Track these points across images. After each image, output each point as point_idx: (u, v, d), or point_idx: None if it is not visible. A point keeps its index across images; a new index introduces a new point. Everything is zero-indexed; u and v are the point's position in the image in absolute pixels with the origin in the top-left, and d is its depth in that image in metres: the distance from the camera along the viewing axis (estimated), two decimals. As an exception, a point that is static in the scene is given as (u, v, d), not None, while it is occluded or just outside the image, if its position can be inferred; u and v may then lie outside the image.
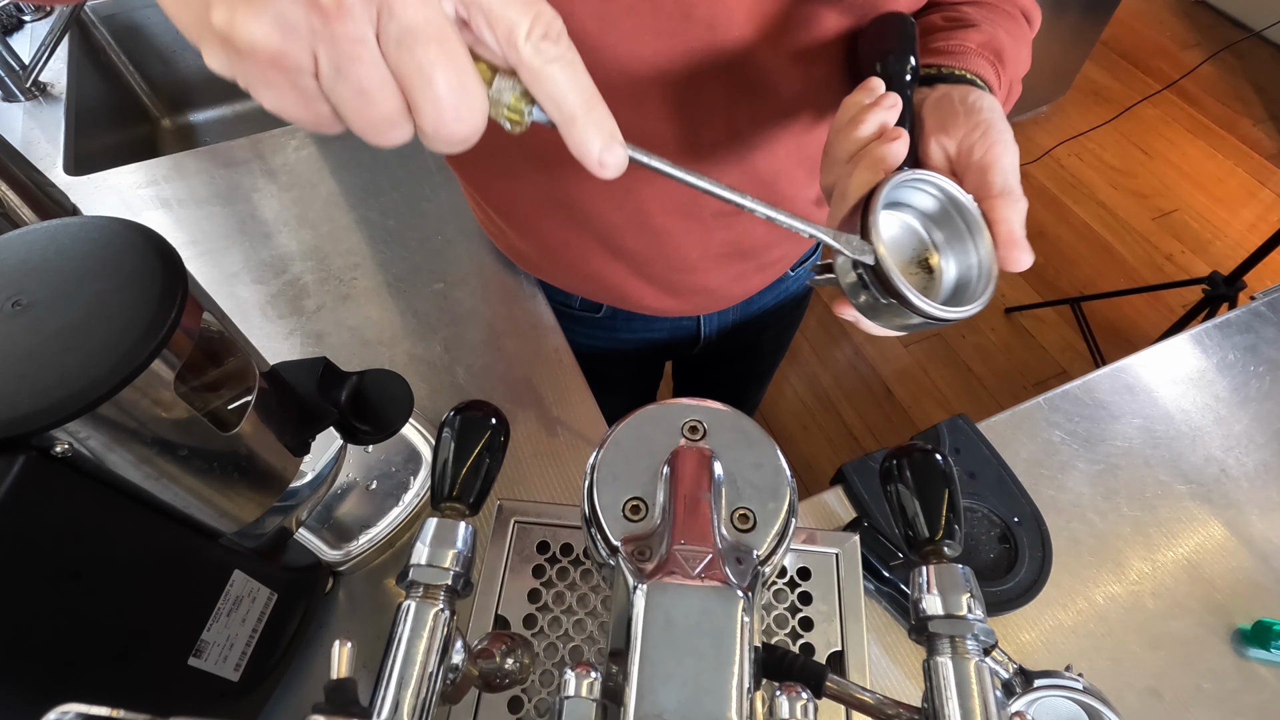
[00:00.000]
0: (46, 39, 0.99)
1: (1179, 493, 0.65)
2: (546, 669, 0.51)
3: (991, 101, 0.41)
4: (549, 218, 0.65)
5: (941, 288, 0.40)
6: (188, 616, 0.42)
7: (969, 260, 0.39)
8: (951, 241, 0.39)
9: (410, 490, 0.63)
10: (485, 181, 0.67)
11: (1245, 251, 1.61)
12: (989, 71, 0.46)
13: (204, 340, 0.43)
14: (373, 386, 0.52)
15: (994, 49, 0.47)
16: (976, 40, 0.46)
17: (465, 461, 0.35)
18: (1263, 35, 2.60)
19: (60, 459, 0.33)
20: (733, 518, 0.32)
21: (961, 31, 0.47)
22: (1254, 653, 0.57)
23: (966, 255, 0.39)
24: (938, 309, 0.35)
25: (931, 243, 0.40)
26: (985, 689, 0.29)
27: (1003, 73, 0.47)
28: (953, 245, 0.39)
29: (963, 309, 0.36)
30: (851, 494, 0.64)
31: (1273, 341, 0.76)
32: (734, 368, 1.01)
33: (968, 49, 0.46)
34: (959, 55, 0.46)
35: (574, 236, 0.65)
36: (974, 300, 0.37)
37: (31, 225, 0.37)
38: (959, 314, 0.36)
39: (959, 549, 0.33)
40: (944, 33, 0.48)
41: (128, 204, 0.88)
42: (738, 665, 0.26)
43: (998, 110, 0.41)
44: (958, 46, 0.46)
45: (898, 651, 0.57)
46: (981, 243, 0.38)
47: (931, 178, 0.38)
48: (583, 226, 0.63)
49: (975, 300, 0.37)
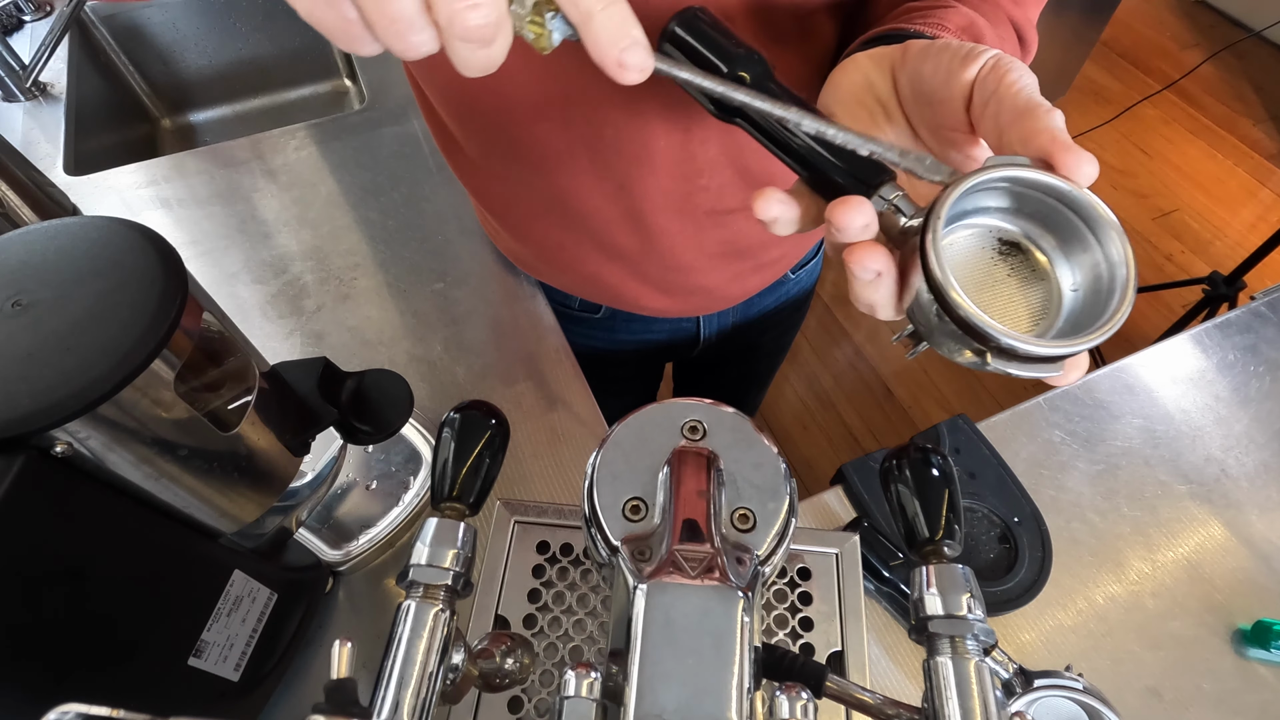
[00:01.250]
0: (46, 39, 0.98)
1: (1179, 493, 0.65)
2: (546, 669, 0.51)
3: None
4: (544, 218, 0.65)
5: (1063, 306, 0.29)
6: (188, 616, 0.42)
7: (1094, 263, 0.28)
8: (1069, 247, 0.29)
9: (410, 490, 0.63)
10: (482, 184, 0.67)
11: (1245, 251, 1.61)
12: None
13: (204, 340, 0.43)
14: (373, 386, 0.52)
15: (973, 34, 0.39)
16: (955, 21, 0.39)
17: (465, 461, 0.35)
18: (1263, 35, 2.60)
19: (60, 459, 0.33)
20: (733, 518, 0.32)
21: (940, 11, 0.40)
22: (1254, 653, 0.57)
23: (1090, 256, 0.28)
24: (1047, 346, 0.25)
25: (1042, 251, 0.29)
26: (985, 689, 0.29)
27: None
28: (1070, 251, 0.29)
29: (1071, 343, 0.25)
30: (851, 494, 0.64)
31: (1273, 341, 0.76)
32: (734, 370, 1.01)
33: (944, 26, 0.39)
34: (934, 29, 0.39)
35: (570, 237, 0.65)
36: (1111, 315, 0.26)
37: (31, 225, 0.37)
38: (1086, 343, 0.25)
39: (959, 549, 0.33)
40: (921, 10, 0.41)
41: (128, 204, 0.88)
42: (738, 665, 0.26)
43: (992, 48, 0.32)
44: (934, 22, 0.39)
45: (898, 651, 0.57)
46: (1108, 240, 0.27)
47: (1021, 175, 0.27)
48: (578, 226, 0.63)
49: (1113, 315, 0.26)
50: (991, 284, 0.29)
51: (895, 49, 0.34)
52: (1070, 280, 0.29)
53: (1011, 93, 0.28)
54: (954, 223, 0.29)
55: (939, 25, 0.38)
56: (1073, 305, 0.28)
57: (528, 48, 0.26)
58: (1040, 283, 0.29)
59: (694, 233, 0.63)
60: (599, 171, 0.55)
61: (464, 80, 0.51)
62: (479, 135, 0.58)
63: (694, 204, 0.60)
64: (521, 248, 0.73)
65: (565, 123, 0.52)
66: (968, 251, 0.29)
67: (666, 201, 0.59)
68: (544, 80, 0.49)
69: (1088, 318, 0.27)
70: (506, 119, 0.53)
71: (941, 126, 0.33)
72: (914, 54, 0.33)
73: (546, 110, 0.51)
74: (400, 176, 0.90)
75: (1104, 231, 0.27)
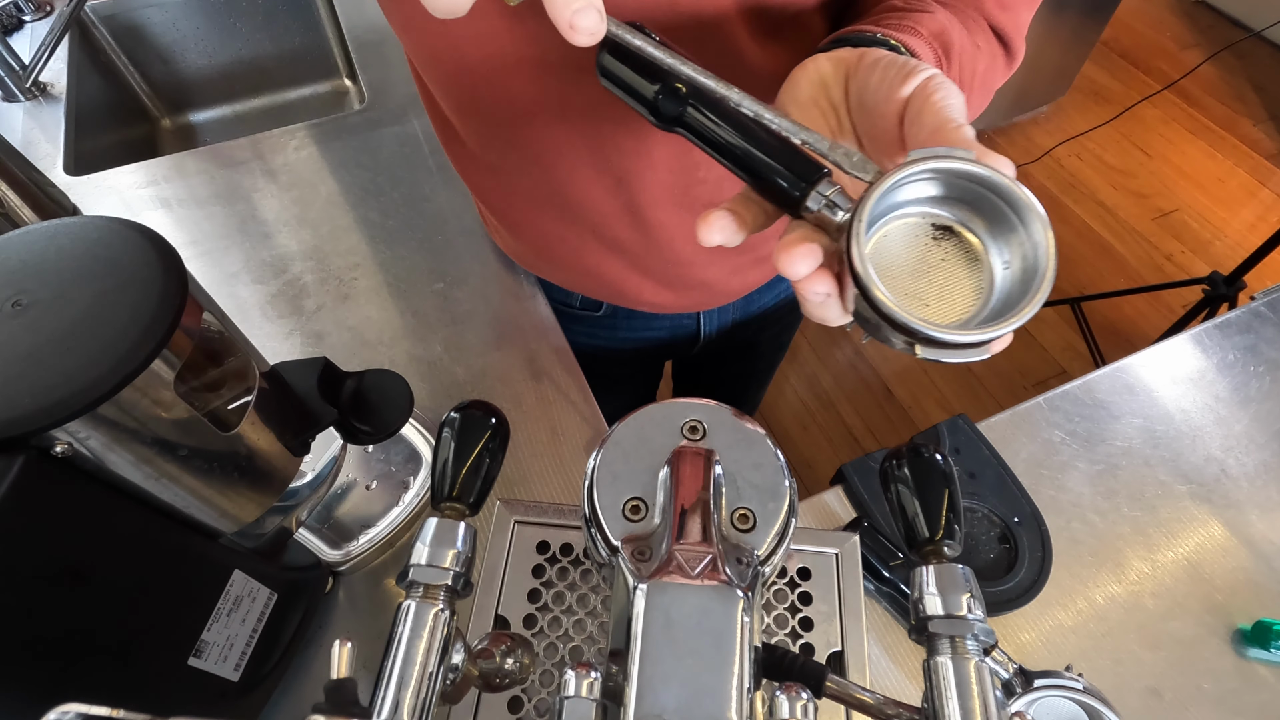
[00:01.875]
0: (46, 39, 0.98)
1: (1179, 493, 0.65)
2: (546, 669, 0.51)
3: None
4: (543, 213, 0.65)
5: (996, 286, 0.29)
6: (188, 616, 0.42)
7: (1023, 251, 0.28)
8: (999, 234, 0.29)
9: (410, 490, 0.63)
10: (482, 178, 0.67)
11: (1245, 251, 1.61)
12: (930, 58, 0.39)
13: (204, 340, 0.43)
14: (373, 386, 0.52)
15: (944, 41, 0.40)
16: (929, 27, 0.39)
17: (465, 461, 0.35)
18: (1263, 35, 2.60)
19: (60, 459, 0.33)
20: (733, 518, 0.32)
21: (916, 14, 0.40)
22: (1254, 653, 0.57)
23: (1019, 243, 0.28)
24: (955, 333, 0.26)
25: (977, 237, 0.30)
26: (985, 689, 0.29)
27: (947, 67, 0.40)
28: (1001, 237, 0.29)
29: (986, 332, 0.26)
30: (851, 494, 0.64)
31: (1273, 341, 0.76)
32: (734, 368, 1.01)
33: (917, 30, 0.39)
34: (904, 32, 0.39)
35: (570, 231, 0.66)
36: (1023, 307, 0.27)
37: (31, 225, 0.37)
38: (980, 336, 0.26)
39: (959, 549, 0.33)
40: (898, 12, 0.41)
41: (128, 204, 0.88)
42: (738, 665, 0.26)
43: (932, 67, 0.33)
44: (907, 26, 0.39)
45: (898, 651, 0.57)
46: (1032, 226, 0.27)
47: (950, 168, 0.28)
48: (577, 221, 0.64)
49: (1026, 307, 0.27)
50: (928, 269, 0.30)
51: (853, 55, 0.35)
52: (1002, 260, 0.29)
53: (934, 109, 0.29)
54: (888, 214, 0.30)
55: (911, 30, 0.39)
56: (1005, 285, 0.29)
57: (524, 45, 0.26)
58: (975, 264, 0.30)
59: (693, 225, 0.63)
60: (598, 165, 0.56)
61: (466, 73, 0.51)
62: (480, 129, 0.58)
63: (692, 197, 0.60)
64: (522, 244, 0.73)
65: (564, 117, 0.52)
66: (903, 240, 0.30)
67: (665, 195, 0.59)
68: (543, 74, 0.49)
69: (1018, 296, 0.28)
70: (506, 113, 0.53)
71: (879, 138, 0.34)
72: (865, 65, 0.34)
73: (545, 104, 0.51)
74: (400, 176, 0.90)
75: (1026, 215, 0.27)
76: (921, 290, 0.29)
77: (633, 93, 0.33)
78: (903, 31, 0.38)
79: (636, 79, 0.33)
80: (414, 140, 0.94)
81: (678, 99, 0.32)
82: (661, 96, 0.32)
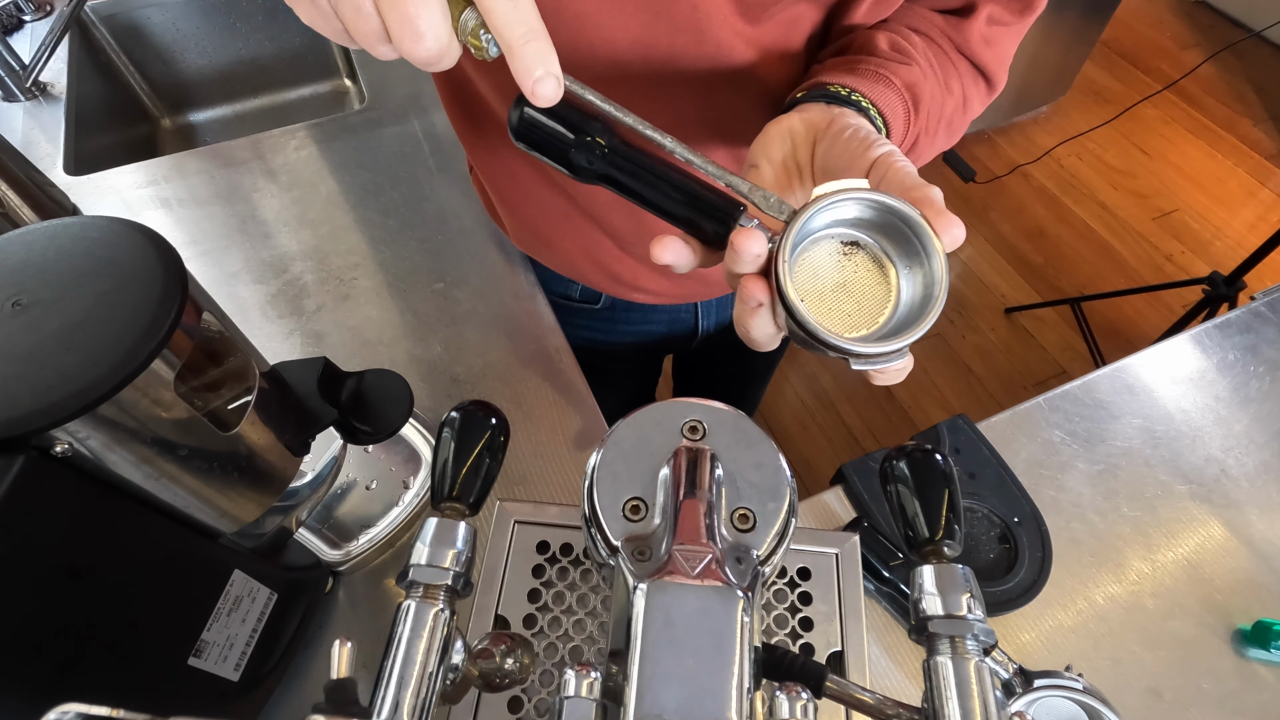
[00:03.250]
0: (46, 39, 0.98)
1: (1179, 493, 0.65)
2: (546, 669, 0.51)
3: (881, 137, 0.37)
4: (545, 196, 0.66)
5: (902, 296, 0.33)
6: (188, 616, 0.42)
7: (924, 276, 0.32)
8: (909, 260, 0.33)
9: (410, 490, 0.63)
10: (485, 158, 0.69)
11: (1245, 252, 1.61)
12: (900, 110, 0.43)
13: (204, 340, 0.43)
14: (373, 386, 0.52)
15: (914, 92, 0.44)
16: (904, 78, 0.44)
17: (465, 461, 0.35)
18: (1263, 35, 2.60)
19: (60, 459, 0.33)
20: (733, 518, 0.32)
21: (893, 65, 0.44)
22: (1254, 653, 0.57)
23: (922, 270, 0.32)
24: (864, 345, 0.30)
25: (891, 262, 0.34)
26: (985, 689, 0.29)
27: (914, 118, 0.45)
28: (910, 263, 0.33)
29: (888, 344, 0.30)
30: (851, 494, 0.64)
31: (1273, 341, 0.76)
32: (733, 364, 1.02)
33: (891, 82, 0.43)
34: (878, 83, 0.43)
35: (571, 215, 0.67)
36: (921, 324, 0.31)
37: (31, 225, 0.37)
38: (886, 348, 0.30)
39: (959, 549, 0.33)
40: (877, 59, 0.45)
41: (128, 204, 0.88)
42: (738, 665, 0.26)
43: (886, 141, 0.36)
44: (883, 77, 0.43)
45: (898, 651, 0.57)
46: (933, 256, 0.31)
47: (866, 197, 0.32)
48: (578, 205, 0.65)
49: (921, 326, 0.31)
50: (843, 282, 0.34)
51: (823, 119, 0.39)
52: (905, 267, 0.33)
53: (898, 174, 0.34)
54: (805, 240, 0.33)
55: (886, 81, 0.43)
56: (909, 294, 0.33)
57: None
58: (883, 270, 0.34)
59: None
60: None
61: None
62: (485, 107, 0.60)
63: None
64: (524, 229, 0.74)
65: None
66: (820, 258, 0.34)
67: None
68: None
69: (920, 307, 0.32)
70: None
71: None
72: (831, 133, 0.38)
73: None
74: (400, 176, 0.90)
75: (925, 237, 0.31)
76: (841, 302, 0.33)
77: (549, 152, 0.35)
78: (879, 83, 0.43)
79: (553, 137, 0.34)
80: (414, 140, 0.94)
81: (592, 156, 0.34)
82: (575, 151, 0.34)
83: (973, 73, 0.51)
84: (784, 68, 0.52)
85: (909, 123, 0.45)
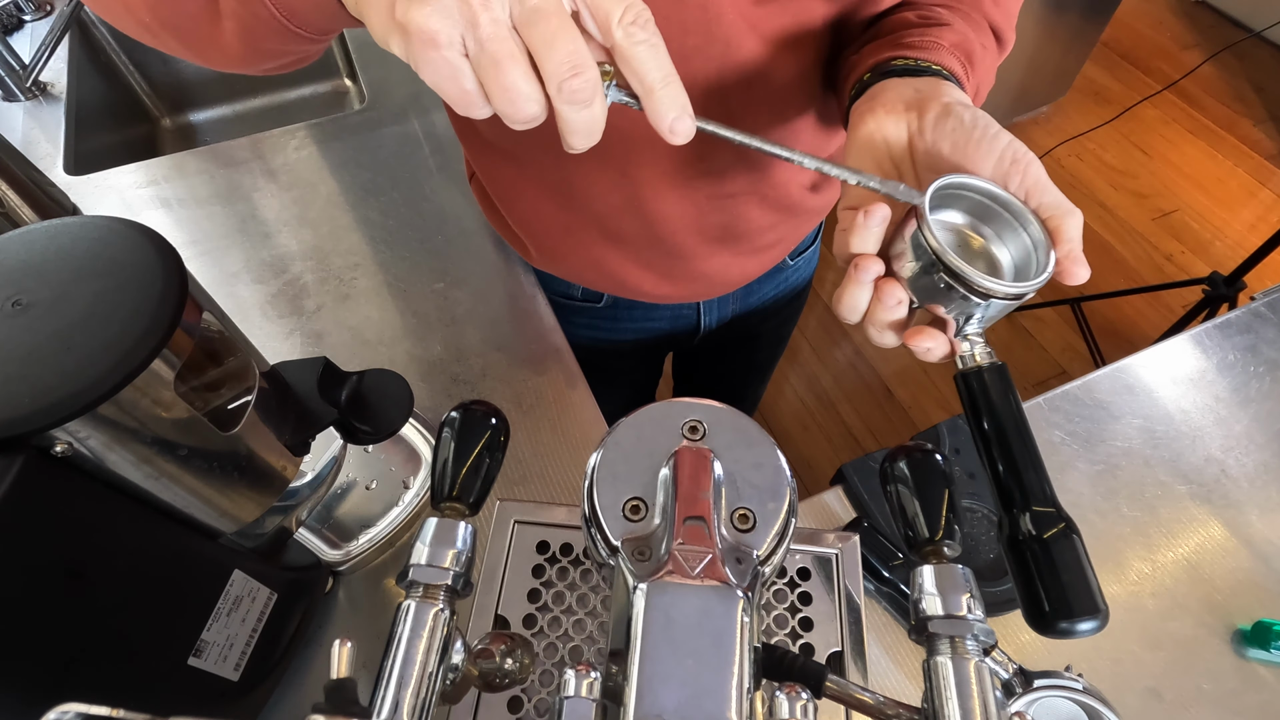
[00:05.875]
0: (46, 39, 0.99)
1: (1179, 493, 0.65)
2: (546, 669, 0.51)
3: (988, 118, 0.41)
4: (549, 203, 0.66)
5: (1003, 273, 0.40)
6: (188, 616, 0.42)
7: (1023, 242, 0.39)
8: (1001, 232, 0.40)
9: (410, 490, 0.63)
10: (490, 166, 0.68)
11: (1245, 252, 1.60)
12: (959, 70, 0.46)
13: (204, 340, 0.43)
14: (373, 386, 0.52)
15: (965, 50, 0.46)
16: (949, 39, 0.46)
17: (465, 461, 0.35)
18: (1263, 35, 2.60)
19: (60, 459, 0.33)
20: (733, 518, 0.32)
21: (935, 29, 0.47)
22: (1254, 653, 0.57)
23: (1019, 238, 0.39)
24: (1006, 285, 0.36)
25: (982, 236, 0.41)
26: (985, 689, 0.29)
27: (971, 74, 0.47)
28: (1003, 234, 0.40)
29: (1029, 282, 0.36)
30: (851, 494, 0.64)
31: (1273, 342, 0.76)
32: (734, 360, 1.02)
33: (940, 45, 0.46)
34: (931, 50, 0.45)
35: (573, 222, 0.67)
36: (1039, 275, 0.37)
37: (31, 225, 0.37)
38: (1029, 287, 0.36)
39: (959, 549, 0.33)
40: (917, 29, 0.47)
41: (128, 204, 0.88)
42: (738, 665, 0.26)
43: (998, 126, 0.41)
44: (931, 42, 0.46)
45: (898, 651, 0.57)
46: (1030, 226, 0.38)
47: (967, 182, 0.38)
48: (581, 211, 0.65)
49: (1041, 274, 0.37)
50: (961, 244, 0.40)
51: (913, 114, 0.41)
52: (1006, 248, 0.40)
53: (1041, 188, 0.38)
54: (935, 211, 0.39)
55: (935, 46, 0.45)
56: (1009, 266, 0.40)
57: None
58: (979, 254, 0.40)
59: (695, 216, 0.64)
60: (602, 157, 0.56)
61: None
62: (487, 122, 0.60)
63: (694, 188, 0.61)
64: (528, 236, 0.73)
65: None
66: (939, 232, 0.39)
67: (667, 186, 0.60)
68: None
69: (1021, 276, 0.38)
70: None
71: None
72: (930, 126, 0.40)
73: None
74: (400, 176, 0.90)
75: (1026, 219, 0.38)
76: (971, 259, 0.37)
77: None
78: (930, 50, 0.45)
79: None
80: (414, 140, 0.94)
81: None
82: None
83: (988, 31, 0.52)
84: (792, 62, 0.52)
85: (966, 80, 0.46)
